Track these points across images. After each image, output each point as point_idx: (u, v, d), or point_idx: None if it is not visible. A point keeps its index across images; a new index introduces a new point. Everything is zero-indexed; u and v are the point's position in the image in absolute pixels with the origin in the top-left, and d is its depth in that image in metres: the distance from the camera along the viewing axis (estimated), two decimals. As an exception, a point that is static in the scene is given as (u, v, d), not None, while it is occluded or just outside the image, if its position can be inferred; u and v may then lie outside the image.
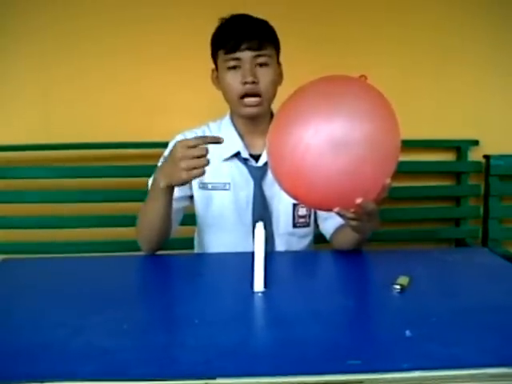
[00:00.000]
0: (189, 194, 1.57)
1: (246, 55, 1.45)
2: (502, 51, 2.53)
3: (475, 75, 2.54)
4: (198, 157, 1.21)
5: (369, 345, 0.89)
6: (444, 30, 2.50)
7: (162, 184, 1.31)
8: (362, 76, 1.17)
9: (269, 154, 1.20)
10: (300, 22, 2.40)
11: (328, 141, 1.06)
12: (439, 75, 2.53)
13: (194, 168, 1.22)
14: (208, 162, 1.22)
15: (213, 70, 1.57)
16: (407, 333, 0.91)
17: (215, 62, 1.55)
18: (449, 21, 2.50)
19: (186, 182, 1.29)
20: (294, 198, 1.22)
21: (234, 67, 1.46)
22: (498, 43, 2.52)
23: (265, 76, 1.47)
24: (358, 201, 1.11)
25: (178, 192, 1.45)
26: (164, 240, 1.46)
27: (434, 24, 2.49)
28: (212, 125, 1.62)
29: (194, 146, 1.22)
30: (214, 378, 0.78)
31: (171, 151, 1.26)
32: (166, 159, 1.54)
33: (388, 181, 1.13)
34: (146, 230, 1.44)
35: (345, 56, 2.42)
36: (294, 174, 1.12)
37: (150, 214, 1.40)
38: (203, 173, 1.23)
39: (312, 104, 1.11)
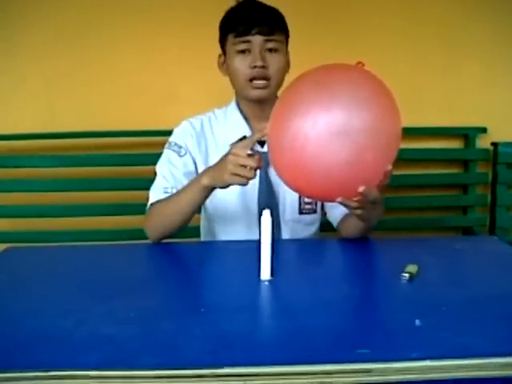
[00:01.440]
0: None
1: (256, 39, 1.44)
2: (510, 39, 2.50)
3: (483, 63, 2.52)
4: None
5: (378, 334, 0.88)
6: (452, 19, 2.49)
7: (204, 181, 1.32)
8: (359, 63, 1.15)
9: (269, 146, 1.18)
10: (307, 14, 2.40)
11: (327, 130, 1.05)
12: (447, 63, 2.51)
13: (239, 175, 1.22)
14: (255, 177, 1.23)
15: (220, 55, 1.56)
16: (417, 322, 0.90)
17: (223, 47, 1.53)
18: (456, 9, 2.48)
19: (226, 186, 1.30)
20: (296, 189, 1.21)
21: (244, 51, 1.45)
22: (506, 32, 2.50)
23: (274, 61, 1.46)
24: (361, 189, 1.10)
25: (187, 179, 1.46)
26: (177, 231, 1.46)
27: (443, 11, 2.47)
28: (217, 111, 1.61)
29: (251, 155, 1.23)
30: (221, 367, 0.77)
31: (228, 151, 1.27)
32: (170, 145, 1.54)
33: (389, 167, 1.12)
34: (166, 219, 1.44)
35: (352, 48, 2.40)
36: (294, 166, 1.11)
37: (179, 205, 1.41)
38: (246, 184, 1.25)
39: (310, 94, 1.09)
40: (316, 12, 2.42)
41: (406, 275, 1.11)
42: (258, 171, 1.48)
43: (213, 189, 1.35)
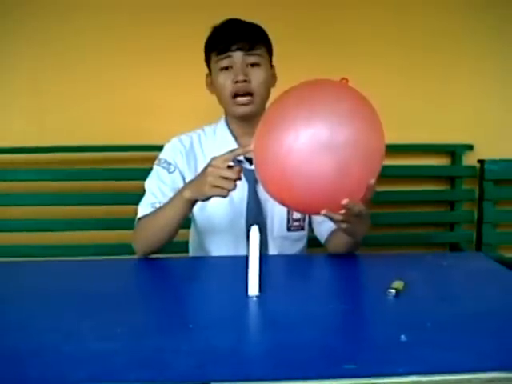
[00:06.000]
0: None
1: (237, 55, 1.47)
2: (497, 56, 2.54)
3: (470, 80, 2.55)
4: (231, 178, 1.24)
5: (364, 349, 0.89)
6: (440, 34, 2.51)
7: (186, 194, 1.34)
8: (343, 79, 1.17)
9: (254, 161, 1.20)
10: (298, 23, 2.43)
11: (309, 143, 1.07)
12: (433, 79, 2.54)
13: (219, 187, 1.23)
14: (235, 188, 1.24)
15: (207, 75, 1.58)
16: (402, 337, 0.91)
17: (209, 67, 1.55)
18: (446, 24, 2.51)
19: (208, 199, 1.30)
20: (281, 203, 1.21)
21: (226, 68, 1.48)
22: (494, 47, 2.53)
23: (256, 75, 1.48)
24: (344, 202, 1.11)
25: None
26: (163, 246, 1.46)
27: (431, 27, 2.50)
28: (207, 129, 1.63)
29: (230, 166, 1.24)
30: (207, 383, 0.77)
31: (208, 163, 1.28)
32: (160, 161, 1.55)
33: (372, 181, 1.13)
34: (152, 233, 1.44)
35: (341, 58, 2.44)
36: (278, 178, 1.12)
37: (163, 219, 1.42)
38: (226, 195, 1.25)
39: (293, 109, 1.11)
40: (307, 20, 2.44)
41: (393, 291, 1.12)
42: (247, 187, 1.50)
43: (195, 201, 1.36)
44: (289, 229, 1.57)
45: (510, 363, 0.82)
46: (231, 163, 1.26)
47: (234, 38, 1.46)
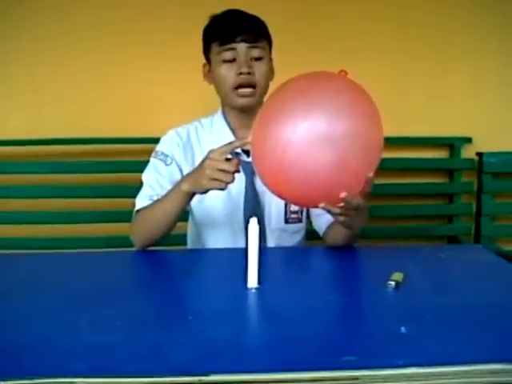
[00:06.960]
0: None
1: (241, 47, 1.45)
2: (496, 49, 2.54)
3: (469, 73, 2.55)
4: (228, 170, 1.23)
5: (364, 341, 0.89)
6: (439, 27, 2.50)
7: (184, 187, 1.34)
8: (341, 71, 1.17)
9: (252, 153, 1.20)
10: (299, 18, 2.42)
11: (307, 137, 1.07)
12: (433, 72, 2.53)
13: (217, 179, 1.23)
14: (233, 181, 1.24)
15: (204, 65, 1.57)
16: (402, 329, 0.90)
17: (207, 56, 1.54)
18: (447, 20, 2.50)
19: (206, 191, 1.30)
20: (279, 195, 1.21)
21: (230, 60, 1.46)
22: (496, 43, 2.53)
23: (259, 68, 1.47)
24: (342, 195, 1.11)
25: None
26: (161, 238, 1.46)
27: (430, 21, 2.49)
28: (204, 120, 1.62)
29: (228, 159, 1.24)
30: (207, 375, 0.77)
31: (205, 156, 1.27)
32: (157, 154, 1.54)
33: (370, 174, 1.13)
34: (150, 226, 1.44)
35: (342, 52, 2.42)
36: (276, 171, 1.12)
37: (161, 212, 1.41)
38: (224, 188, 1.25)
39: (291, 101, 1.11)
40: (306, 15, 2.43)
41: (392, 283, 1.12)
42: (244, 180, 1.50)
43: (193, 194, 1.36)
44: (286, 221, 1.57)
45: (508, 355, 0.82)
46: (229, 156, 1.26)
47: (238, 29, 1.45)
